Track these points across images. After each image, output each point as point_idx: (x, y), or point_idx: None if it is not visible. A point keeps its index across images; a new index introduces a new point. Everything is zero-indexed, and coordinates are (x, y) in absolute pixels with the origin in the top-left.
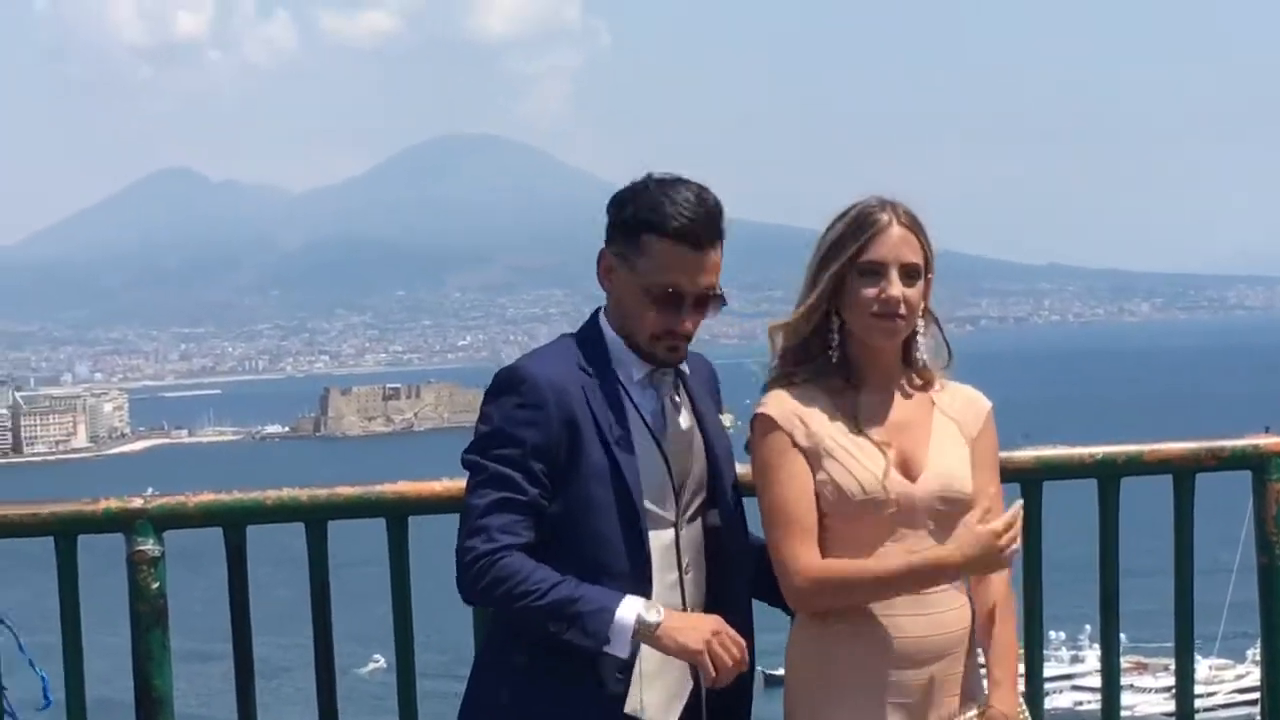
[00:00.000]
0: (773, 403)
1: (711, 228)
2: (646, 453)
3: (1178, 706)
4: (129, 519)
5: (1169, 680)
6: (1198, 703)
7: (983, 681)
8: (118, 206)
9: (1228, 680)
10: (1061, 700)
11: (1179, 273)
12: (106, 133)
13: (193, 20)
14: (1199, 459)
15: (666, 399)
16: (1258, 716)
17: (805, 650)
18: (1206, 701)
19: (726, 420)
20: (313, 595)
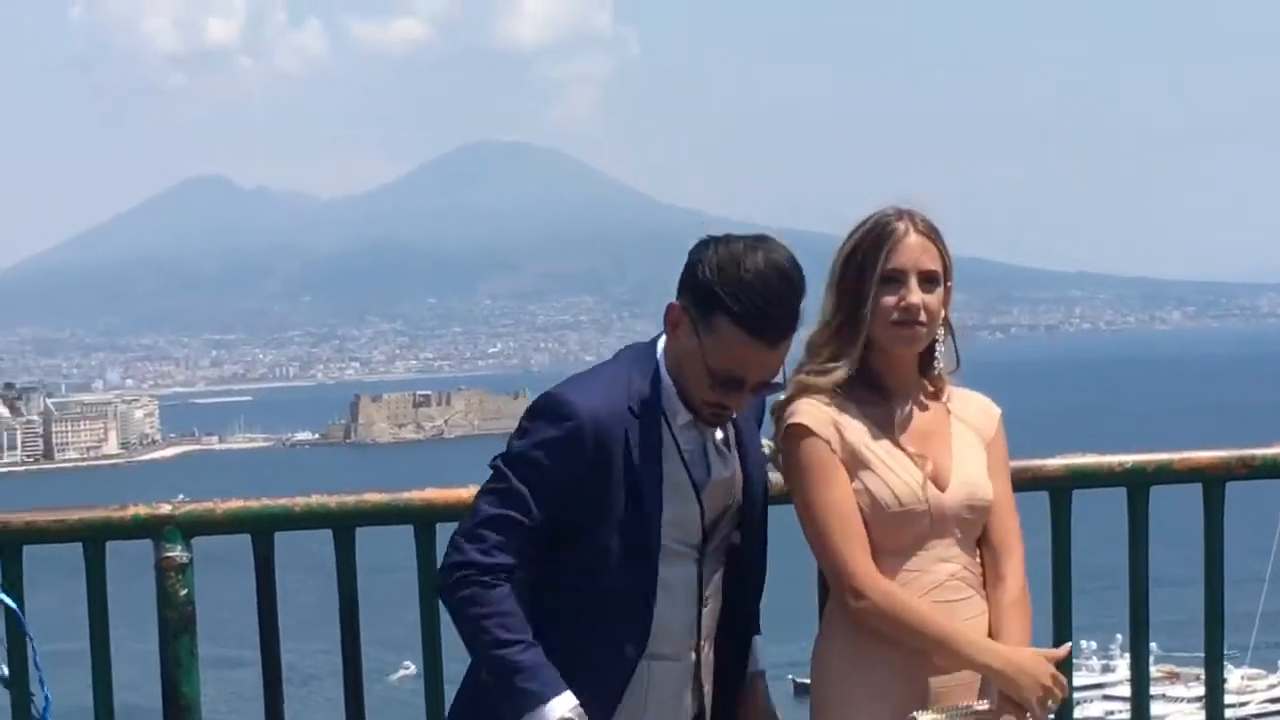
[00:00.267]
0: (807, 412)
1: (790, 323)
2: (680, 493)
3: (1208, 716)
4: (157, 525)
5: (1201, 690)
6: (1230, 713)
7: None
8: (149, 213)
9: (1260, 690)
10: (1093, 710)
11: (1210, 281)
12: (138, 139)
13: (224, 28)
14: (1229, 468)
15: (710, 438)
16: None
17: (837, 657)
18: (1239, 711)
19: (766, 446)
20: (340, 602)
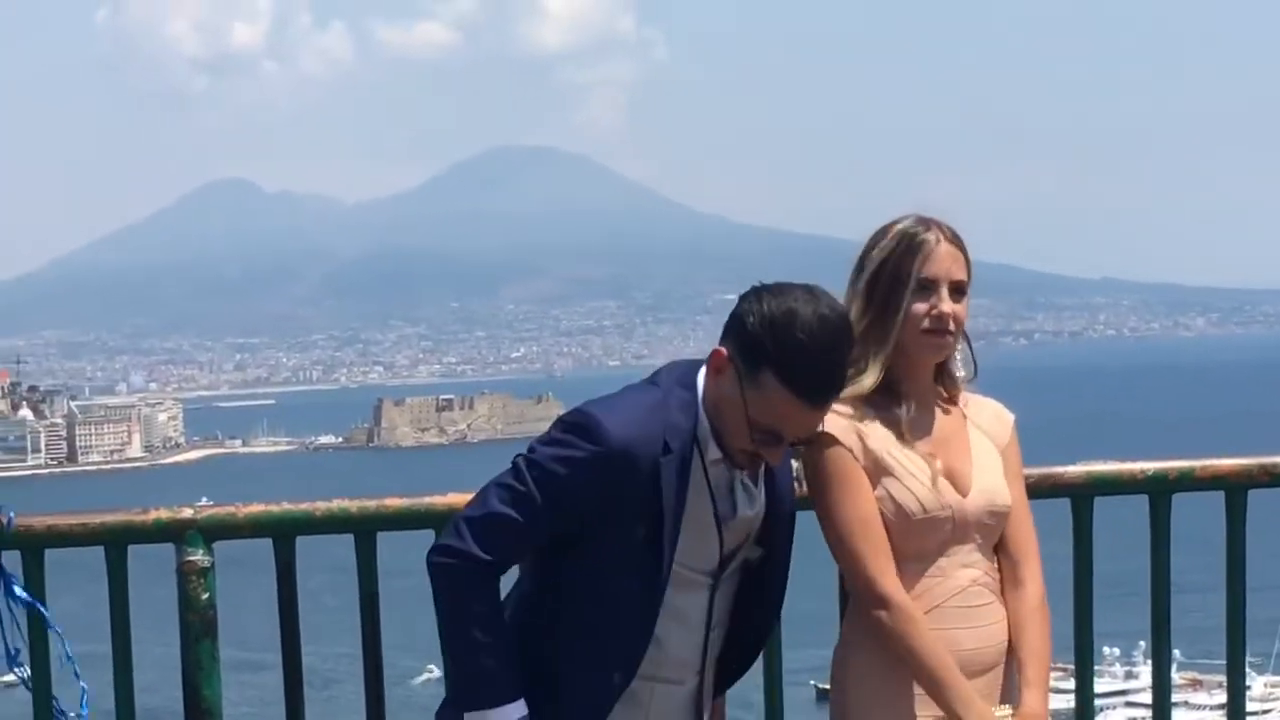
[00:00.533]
0: (829, 420)
1: (840, 386)
2: (702, 528)
3: None
4: (179, 529)
5: (1223, 697)
6: (1253, 719)
7: (1015, 689)
8: (173, 217)
9: None
10: (1116, 717)
11: (1235, 287)
12: (163, 143)
13: (249, 31)
14: (1251, 475)
15: (738, 475)
16: None
17: (858, 664)
18: (1262, 719)
19: (795, 466)
20: (361, 606)
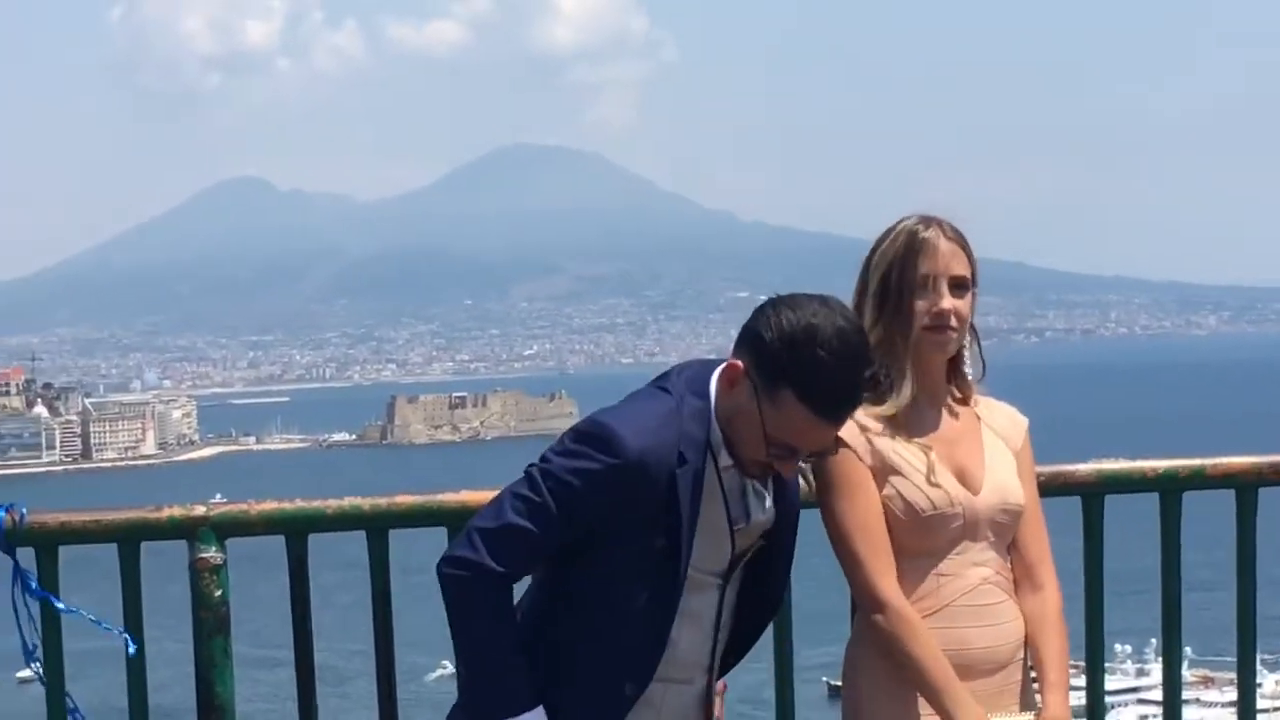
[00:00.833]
0: None
1: (858, 402)
2: (715, 534)
3: (1239, 719)
4: (192, 526)
5: (1235, 694)
6: (1263, 718)
7: (1035, 690)
8: (187, 215)
9: None
10: (1127, 714)
11: (1247, 285)
12: (177, 141)
13: (262, 29)
14: (1262, 473)
15: (750, 482)
16: None
17: (871, 662)
18: (1273, 716)
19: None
20: (374, 603)
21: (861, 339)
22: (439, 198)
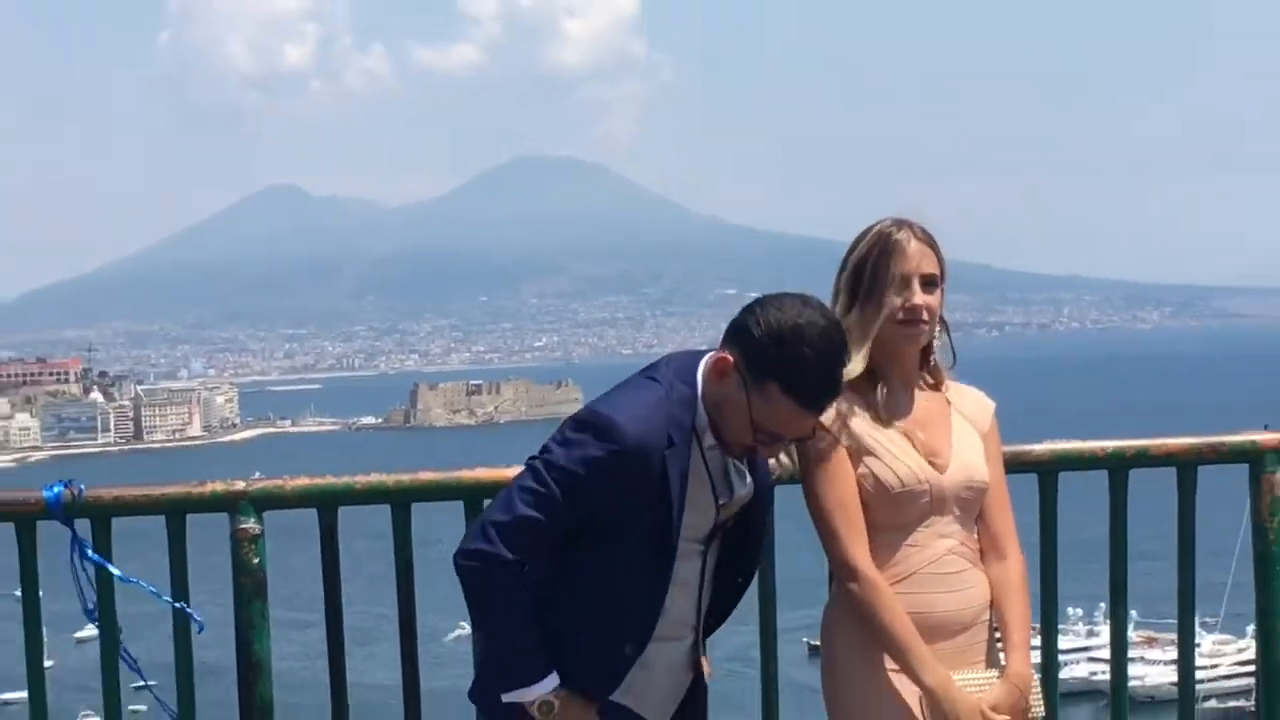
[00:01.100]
0: None
1: (838, 393)
2: (702, 509)
3: (1180, 677)
4: (233, 500)
5: (1176, 654)
6: (1201, 674)
7: (999, 649)
8: (229, 219)
9: (1229, 654)
10: (1079, 670)
11: (1188, 284)
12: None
13: (298, 52)
14: (1200, 453)
15: (731, 460)
16: (1254, 687)
17: (846, 624)
18: (1210, 673)
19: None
20: (397, 570)
21: (841, 336)
22: (457, 204)
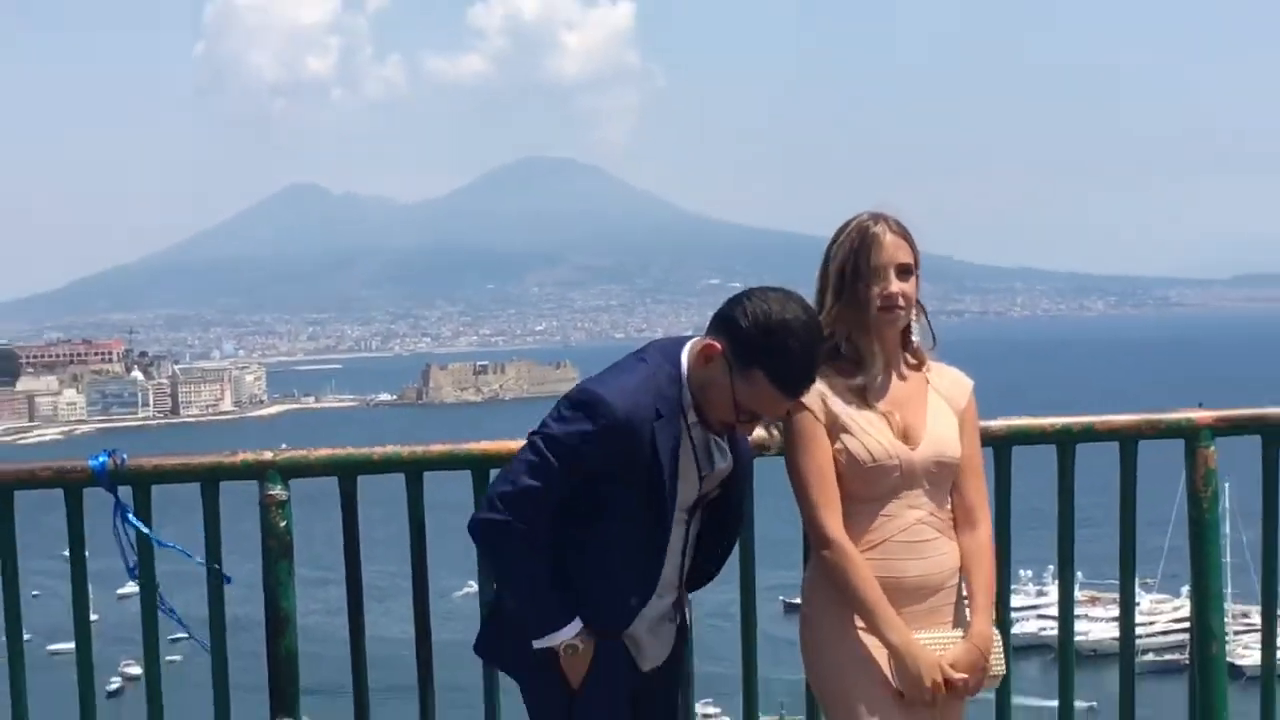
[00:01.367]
0: None
1: (814, 380)
2: (688, 479)
3: (1121, 633)
4: (261, 469)
5: (1117, 611)
6: (1140, 630)
7: (966, 611)
8: (258, 215)
9: (1165, 612)
10: (1028, 626)
11: (1129, 276)
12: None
13: (320, 62)
14: (1140, 429)
15: (713, 436)
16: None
17: (822, 587)
18: (1148, 629)
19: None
20: (410, 533)
21: (819, 327)
22: (466, 201)
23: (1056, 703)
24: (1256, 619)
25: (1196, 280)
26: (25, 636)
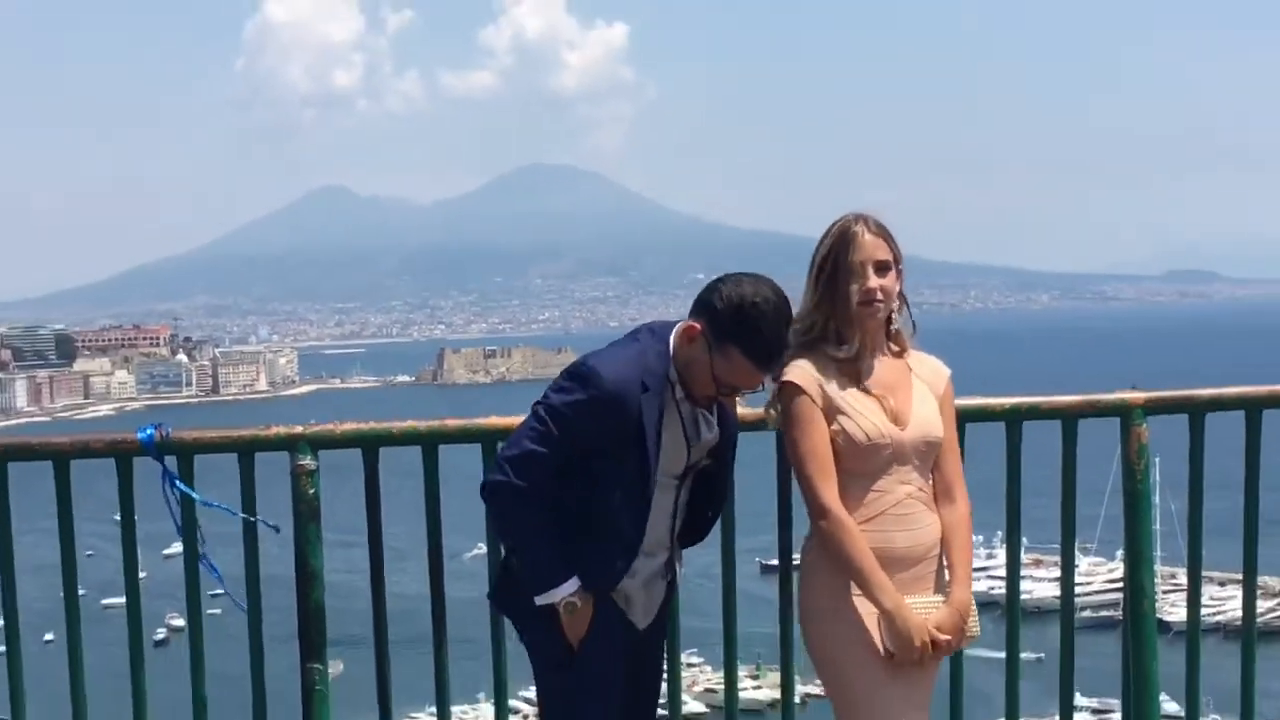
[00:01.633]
0: (796, 371)
1: (784, 354)
2: (675, 448)
3: (1062, 592)
4: (293, 441)
5: (1058, 572)
6: (1079, 589)
7: (946, 578)
8: (290, 214)
9: (1101, 574)
10: (979, 586)
11: (1070, 272)
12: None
13: (346, 76)
14: (1081, 409)
15: (699, 408)
16: (1122, 600)
17: (819, 555)
18: (1086, 589)
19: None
20: (426, 500)
21: (787, 307)
22: (477, 203)
23: (1004, 654)
24: (1183, 579)
25: (1133, 276)
26: (80, 591)
